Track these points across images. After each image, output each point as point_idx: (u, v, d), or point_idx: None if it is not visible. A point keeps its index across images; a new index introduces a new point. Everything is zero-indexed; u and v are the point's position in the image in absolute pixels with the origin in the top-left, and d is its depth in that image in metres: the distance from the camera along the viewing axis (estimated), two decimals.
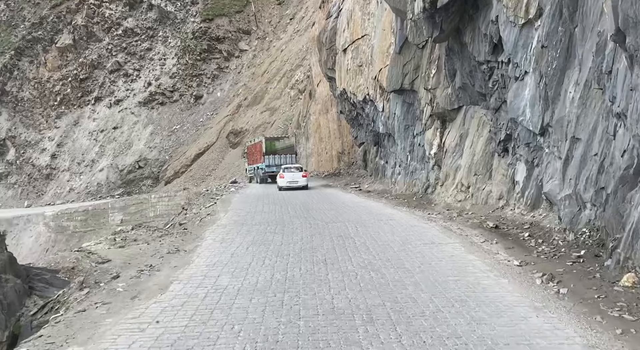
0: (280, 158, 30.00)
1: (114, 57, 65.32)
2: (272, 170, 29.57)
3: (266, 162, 29.95)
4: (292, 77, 53.71)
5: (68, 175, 60.90)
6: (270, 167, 29.63)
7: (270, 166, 29.71)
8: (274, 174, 28.72)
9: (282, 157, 30.08)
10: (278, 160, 29.70)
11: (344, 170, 34.56)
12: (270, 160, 29.96)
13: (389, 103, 18.18)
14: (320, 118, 39.21)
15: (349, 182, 26.22)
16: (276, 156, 30.17)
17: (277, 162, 29.48)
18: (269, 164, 29.86)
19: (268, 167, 29.81)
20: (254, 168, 32.87)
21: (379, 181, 21.72)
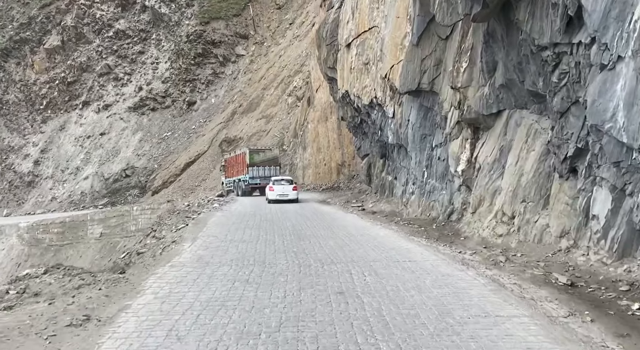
0: (264, 170, 29.27)
1: (104, 59, 62.31)
2: (256, 182, 28.97)
3: (250, 174, 29.09)
4: (290, 83, 50.66)
5: (51, 183, 57.52)
6: (255, 179, 28.98)
7: (254, 178, 29.05)
8: (258, 186, 28.29)
9: (267, 169, 29.33)
10: (262, 172, 29.01)
11: (344, 184, 31.28)
12: (254, 172, 29.17)
13: (401, 107, 14.96)
14: (319, 126, 36.01)
15: (350, 198, 22.93)
16: (260, 168, 29.40)
17: (261, 174, 28.84)
18: (253, 176, 29.12)
19: (252, 179, 29.04)
20: (234, 181, 31.85)
21: (385, 200, 18.43)
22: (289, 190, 24.23)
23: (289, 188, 24.43)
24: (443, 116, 12.98)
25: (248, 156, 29.17)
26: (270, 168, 29.78)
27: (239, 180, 30.87)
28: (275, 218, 17.04)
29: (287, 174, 42.47)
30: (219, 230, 13.67)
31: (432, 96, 13.49)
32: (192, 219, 17.22)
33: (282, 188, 24.35)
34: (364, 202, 20.46)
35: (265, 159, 29.83)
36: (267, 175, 29.08)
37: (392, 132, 15.92)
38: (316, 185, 36.54)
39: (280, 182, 25.13)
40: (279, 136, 46.66)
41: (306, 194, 31.22)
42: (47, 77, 63.58)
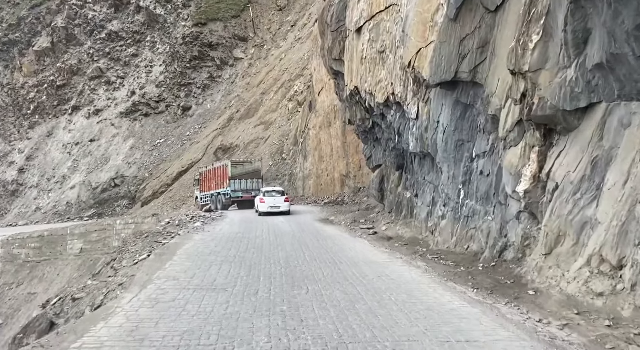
0: (246, 183, 28.50)
1: (95, 62, 59.23)
2: (237, 195, 28.14)
3: (232, 187, 28.08)
4: (291, 87, 47.38)
5: (35, 193, 54.15)
6: (236, 192, 28.10)
7: (236, 191, 28.14)
8: (240, 199, 27.59)
9: (249, 182, 28.59)
10: (244, 185, 28.24)
11: (349, 197, 27.78)
12: (236, 185, 28.19)
13: (428, 105, 11.52)
14: (321, 133, 32.60)
15: (358, 217, 19.42)
16: (242, 181, 28.58)
17: (244, 187, 28.08)
18: (235, 189, 28.14)
19: (234, 192, 28.07)
20: (212, 195, 30.64)
21: (402, 221, 14.93)
22: (281, 202, 23.47)
23: (280, 199, 23.67)
24: (490, 115, 9.52)
25: (230, 168, 28.21)
26: (253, 181, 28.88)
27: (218, 194, 29.67)
28: (265, 244, 13.54)
29: (285, 184, 39.09)
30: (185, 266, 10.16)
31: (474, 89, 10.05)
32: (161, 244, 13.75)
33: (274, 199, 23.50)
34: (375, 223, 16.95)
35: (247, 171, 28.90)
36: (249, 188, 28.51)
37: (415, 137, 12.45)
38: (317, 198, 33.03)
39: (271, 193, 24.19)
40: (277, 144, 43.30)
41: (306, 208, 27.73)
42: (35, 81, 60.49)
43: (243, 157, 44.66)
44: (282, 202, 23.49)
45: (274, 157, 42.37)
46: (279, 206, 23.22)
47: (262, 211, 23.16)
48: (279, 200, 23.49)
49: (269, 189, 25.22)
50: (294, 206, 30.54)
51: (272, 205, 23.18)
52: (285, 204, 23.50)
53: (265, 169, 41.66)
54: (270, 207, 23.15)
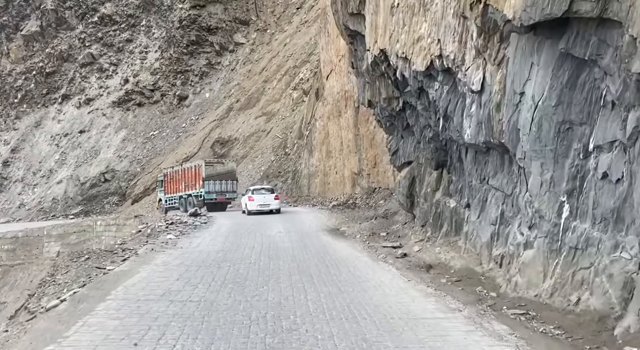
0: (221, 184, 27.16)
1: (87, 48, 55.22)
2: (212, 197, 26.69)
3: (206, 189, 26.55)
4: (296, 75, 43.13)
5: (20, 187, 50.34)
6: (211, 194, 26.68)
7: (211, 193, 26.68)
8: (214, 201, 26.44)
9: (224, 183, 27.28)
10: (219, 187, 26.96)
11: (362, 200, 23.53)
12: (210, 187, 26.70)
13: (503, 68, 7.25)
14: (330, 124, 28.35)
15: (376, 228, 15.16)
16: (217, 182, 27.09)
17: (218, 189, 26.89)
18: (210, 191, 26.65)
19: (208, 193, 26.62)
20: (180, 197, 28.86)
21: (443, 240, 10.70)
22: (271, 200, 22.71)
23: (270, 197, 22.86)
24: (634, 77, 5.25)
25: (204, 169, 26.75)
26: (228, 182, 27.58)
27: (188, 196, 28.01)
28: (252, 275, 9.34)
29: (289, 183, 34.96)
30: (98, 337, 5.96)
31: (601, 32, 5.80)
32: (102, 273, 9.59)
33: (263, 198, 22.69)
34: (402, 239, 12.69)
35: (222, 172, 27.56)
36: (223, 189, 27.29)
37: (476, 120, 8.16)
38: (324, 199, 28.78)
39: (260, 191, 23.41)
40: (280, 137, 39.13)
41: (311, 211, 23.51)
42: (23, 67, 56.57)
43: (242, 151, 40.62)
44: (272, 200, 22.65)
45: (276, 152, 38.21)
46: (269, 204, 22.40)
47: (252, 210, 22.33)
48: (269, 199, 22.64)
49: (258, 187, 24.29)
50: (297, 209, 26.34)
51: (261, 203, 22.34)
52: (276, 202, 22.72)
53: (267, 165, 37.52)
54: (260, 206, 22.31)
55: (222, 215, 22.58)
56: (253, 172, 37.72)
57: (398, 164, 13.17)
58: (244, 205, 23.61)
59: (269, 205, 22.44)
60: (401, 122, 12.07)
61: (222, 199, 27.36)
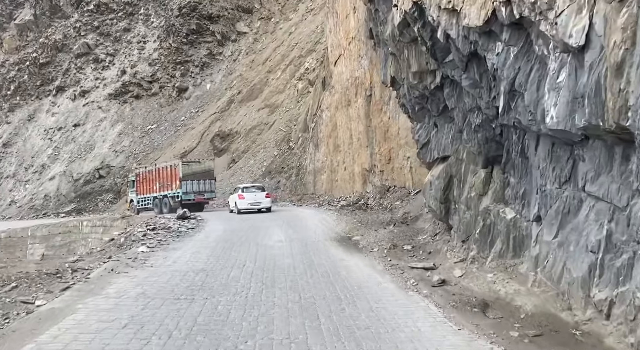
0: (199, 184, 26.16)
1: (82, 37, 52.65)
2: (189, 198, 25.69)
3: (183, 189, 25.53)
4: (301, 65, 40.34)
5: (12, 184, 47.95)
6: (188, 195, 25.70)
7: (188, 193, 25.70)
8: (191, 201, 25.48)
9: (201, 183, 26.26)
10: (197, 187, 26.04)
11: (375, 200, 20.76)
12: (188, 187, 25.67)
13: (632, 5, 4.48)
14: (338, 115, 25.57)
15: (397, 238, 12.34)
16: (194, 182, 26.03)
17: (196, 189, 26.00)
18: (187, 191, 25.65)
19: (185, 194, 25.62)
20: (155, 198, 27.64)
21: (496, 262, 7.95)
22: (262, 198, 22.33)
23: (261, 195, 22.42)
24: None
25: (181, 168, 25.83)
26: (206, 182, 26.56)
27: (163, 197, 26.90)
28: (235, 317, 6.62)
29: (292, 179, 32.25)
30: None
31: None
32: (24, 313, 6.88)
33: (254, 196, 22.27)
34: (434, 256, 9.91)
35: (199, 171, 26.57)
36: (202, 189, 26.29)
37: (571, 94, 5.33)
38: (332, 197, 26.03)
39: (250, 189, 22.96)
40: (284, 130, 36.40)
41: (317, 213, 20.76)
42: (17, 58, 54.10)
43: (243, 145, 37.94)
44: (263, 198, 22.23)
45: (279, 146, 35.49)
46: (260, 203, 21.98)
47: (242, 208, 21.80)
48: (260, 197, 22.17)
49: (248, 185, 23.89)
50: (301, 209, 23.61)
51: (252, 201, 21.91)
52: (267, 200, 22.28)
53: (270, 160, 34.83)
54: (250, 204, 21.87)
55: (215, 218, 19.88)
56: (255, 168, 35.05)
57: (429, 159, 10.36)
58: (233, 203, 22.93)
59: (260, 203, 21.96)
60: (436, 105, 9.24)
61: (201, 199, 26.43)
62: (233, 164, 37.38)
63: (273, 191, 32.43)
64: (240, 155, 37.46)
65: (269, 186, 33.00)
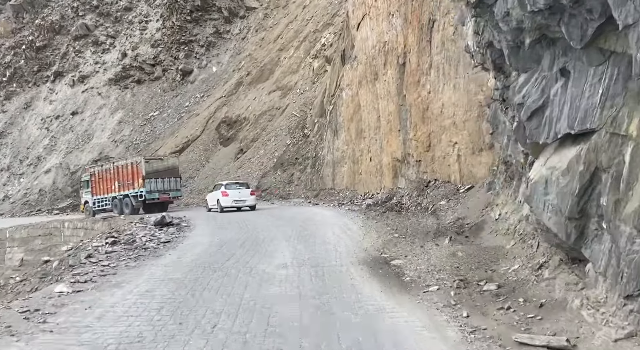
0: (163, 182, 24.88)
1: (80, 18, 48.74)
2: (154, 197, 24.46)
3: (147, 188, 24.24)
4: (317, 41, 35.67)
5: (6, 177, 44.51)
6: (153, 194, 24.47)
7: (152, 192, 24.46)
8: (156, 201, 24.46)
9: (166, 181, 24.99)
10: (161, 185, 24.81)
11: (412, 198, 16.20)
12: (152, 185, 24.41)
13: None
14: (362, 93, 20.97)
15: (464, 266, 7.80)
16: (158, 180, 24.72)
17: (160, 187, 24.77)
18: (151, 190, 24.37)
19: (149, 193, 24.36)
20: (113, 198, 25.93)
21: None
22: (246, 195, 21.50)
23: (246, 193, 21.62)
24: None
25: (144, 165, 24.43)
26: (170, 180, 25.19)
27: (124, 197, 25.21)
28: None
29: (308, 171, 27.77)
30: None
31: None
32: None
33: (239, 193, 21.44)
34: (558, 318, 5.41)
35: (163, 168, 25.24)
36: (166, 188, 24.93)
37: None
38: (354, 194, 21.54)
39: (234, 186, 22.08)
40: (298, 115, 31.89)
41: (336, 215, 16.27)
42: (12, 42, 50.47)
43: (252, 133, 33.54)
44: (248, 195, 21.36)
45: (293, 134, 31.02)
46: (245, 200, 21.15)
47: (225, 206, 20.95)
48: (245, 194, 21.32)
49: (231, 182, 22.90)
50: (317, 209, 19.15)
51: (236, 199, 21.07)
52: (251, 197, 21.41)
53: (282, 150, 30.39)
54: (234, 202, 21.08)
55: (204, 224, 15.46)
56: (265, 159, 30.68)
57: (544, 138, 5.72)
58: (214, 201, 21.77)
59: (245, 201, 21.02)
60: (580, 27, 4.60)
61: (166, 198, 24.98)
62: (241, 154, 33.08)
63: (286, 186, 28.10)
64: (248, 145, 33.14)
65: (281, 180, 28.66)
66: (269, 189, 28.41)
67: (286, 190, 27.69)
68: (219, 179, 32.25)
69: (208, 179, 32.97)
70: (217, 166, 33.84)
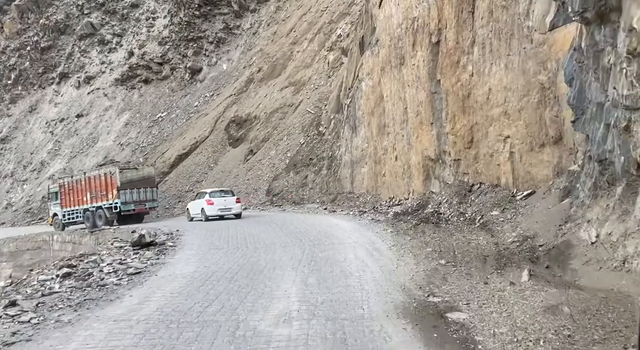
0: (139, 193, 23.65)
1: (86, 16, 46.72)
2: (129, 208, 23.27)
3: (122, 199, 23.03)
4: (332, 32, 32.81)
5: (9, 184, 42.62)
6: (128, 205, 23.20)
7: (128, 203, 23.20)
8: (132, 212, 23.40)
9: (142, 192, 23.77)
10: (137, 196, 23.49)
11: (452, 206, 13.17)
12: (127, 196, 23.21)
13: None
14: (385, 81, 17.98)
15: (582, 339, 4.80)
16: (134, 191, 23.50)
17: (136, 198, 23.41)
18: (126, 201, 23.13)
19: (125, 204, 23.10)
20: (85, 210, 24.91)
21: None
22: (232, 203, 20.54)
23: (231, 200, 20.67)
24: None
25: (118, 176, 23.51)
26: (147, 190, 24.28)
27: (97, 209, 24.17)
28: None
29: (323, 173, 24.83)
30: None
31: None
32: None
33: (224, 201, 20.53)
34: None
35: (137, 178, 24.20)
36: (142, 199, 24.00)
37: None
38: (377, 199, 18.57)
39: (219, 194, 21.07)
40: (313, 112, 29.05)
41: (358, 227, 13.32)
42: (17, 43, 48.75)
43: (262, 132, 30.78)
44: (234, 203, 20.66)
45: (307, 132, 28.18)
46: (231, 209, 20.49)
47: (211, 215, 20.31)
48: (230, 202, 20.69)
49: (215, 189, 22.17)
50: (335, 219, 16.20)
51: (222, 207, 20.43)
52: (237, 205, 20.70)
53: (294, 150, 27.58)
54: (220, 210, 20.39)
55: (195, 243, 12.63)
56: (276, 160, 27.90)
57: None
58: (198, 210, 20.95)
59: (231, 209, 20.30)
60: None
61: (142, 210, 24.07)
62: (251, 155, 30.35)
63: (299, 189, 25.25)
64: (259, 145, 30.40)
65: (293, 183, 25.83)
66: (280, 193, 25.61)
67: (299, 194, 24.84)
68: (227, 183, 29.63)
69: (216, 183, 30.30)
70: (225, 169, 31.17)
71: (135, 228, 16.66)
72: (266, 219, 17.84)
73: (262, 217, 19.71)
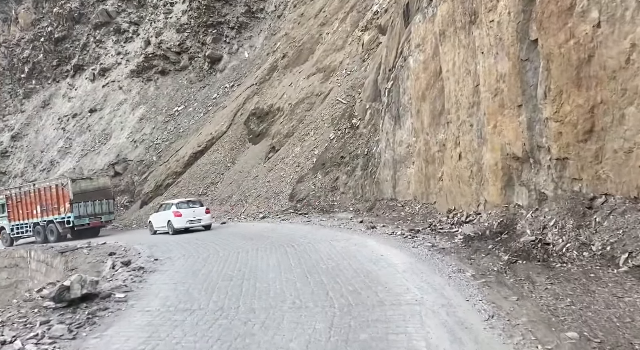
0: (94, 205, 22.35)
1: (101, 4, 43.49)
2: (83, 222, 21.94)
3: (75, 212, 21.59)
4: (368, 9, 28.21)
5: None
6: (82, 219, 21.87)
7: (82, 217, 21.86)
8: (86, 226, 22.11)
9: (97, 204, 22.48)
10: (91, 209, 22.25)
11: (565, 231, 8.41)
12: (81, 209, 21.77)
13: None
14: (444, 51, 13.28)
15: None
16: (89, 203, 22.12)
17: (91, 211, 22.20)
18: (80, 214, 21.75)
19: (78, 218, 21.69)
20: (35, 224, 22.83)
21: None
22: (201, 214, 19.48)
23: (200, 211, 19.55)
24: None
25: (71, 187, 21.68)
26: (102, 202, 22.62)
27: (48, 223, 22.49)
28: None
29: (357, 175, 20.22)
30: None
31: None
32: None
33: (193, 212, 19.39)
34: None
35: (92, 189, 22.32)
36: (97, 211, 22.42)
37: None
38: (431, 211, 13.97)
39: (187, 204, 19.74)
40: (345, 102, 24.52)
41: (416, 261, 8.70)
42: (31, 34, 46.11)
43: (286, 126, 26.47)
44: (203, 214, 19.39)
45: (337, 126, 23.68)
46: (200, 220, 19.23)
47: (179, 228, 18.83)
48: (199, 212, 19.34)
49: (182, 200, 20.41)
50: (374, 240, 11.60)
51: (191, 219, 19.07)
52: (207, 216, 19.49)
53: (323, 147, 23.16)
54: (189, 222, 19.01)
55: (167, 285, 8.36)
56: (301, 159, 23.55)
57: None
58: (163, 223, 19.55)
59: (200, 220, 19.31)
60: None
61: (97, 224, 22.70)
62: (273, 153, 26.14)
63: (328, 194, 20.84)
64: (282, 141, 26.16)
65: (321, 186, 21.44)
66: (306, 198, 21.25)
67: (328, 200, 20.42)
68: (245, 185, 25.49)
69: (233, 185, 26.27)
70: (244, 169, 27.05)
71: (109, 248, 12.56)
72: (282, 240, 13.38)
73: (279, 234, 15.29)
